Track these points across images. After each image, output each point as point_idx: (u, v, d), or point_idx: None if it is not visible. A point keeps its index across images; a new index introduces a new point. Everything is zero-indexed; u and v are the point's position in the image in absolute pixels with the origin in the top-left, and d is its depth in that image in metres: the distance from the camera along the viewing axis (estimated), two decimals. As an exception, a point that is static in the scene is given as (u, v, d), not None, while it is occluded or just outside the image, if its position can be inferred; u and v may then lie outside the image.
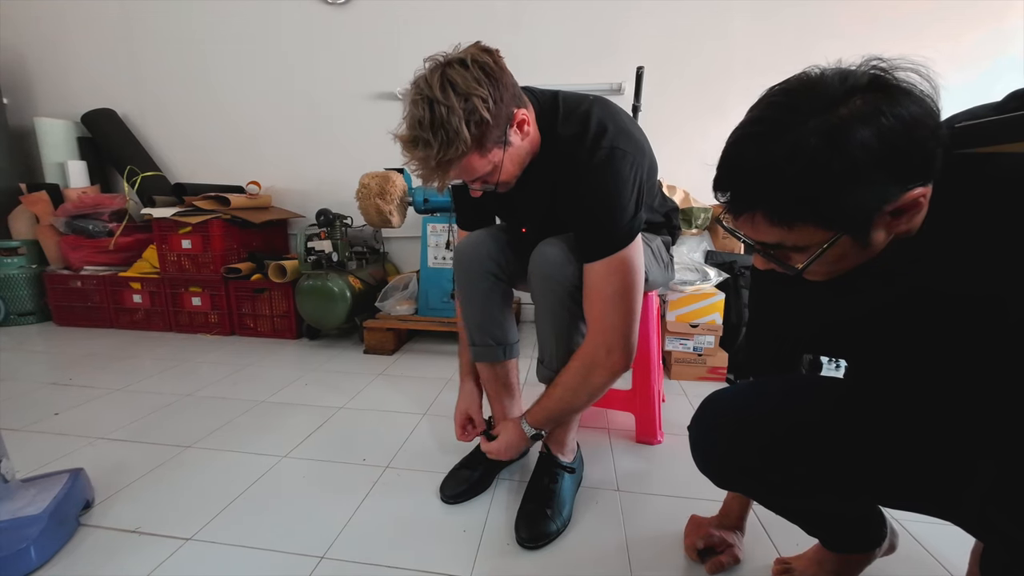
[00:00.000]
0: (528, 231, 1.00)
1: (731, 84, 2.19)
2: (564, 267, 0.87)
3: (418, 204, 2.01)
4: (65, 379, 1.66)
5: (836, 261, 0.48)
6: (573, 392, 0.88)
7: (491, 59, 0.77)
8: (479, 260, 1.02)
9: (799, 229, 0.45)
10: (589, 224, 0.83)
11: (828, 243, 0.44)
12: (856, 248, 0.46)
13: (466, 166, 0.77)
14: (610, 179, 0.81)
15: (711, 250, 1.94)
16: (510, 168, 0.83)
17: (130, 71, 2.62)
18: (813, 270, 0.49)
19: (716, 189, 0.49)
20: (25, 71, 2.70)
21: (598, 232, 0.83)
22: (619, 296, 0.82)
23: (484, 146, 0.76)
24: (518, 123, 0.80)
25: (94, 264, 2.35)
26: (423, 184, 0.85)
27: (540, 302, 0.93)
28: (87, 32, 2.61)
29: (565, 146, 0.84)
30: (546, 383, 0.97)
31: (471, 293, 1.05)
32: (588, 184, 0.82)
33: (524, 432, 0.92)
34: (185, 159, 2.68)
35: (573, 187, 0.83)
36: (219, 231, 2.15)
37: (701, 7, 2.16)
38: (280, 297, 2.16)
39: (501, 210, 1.08)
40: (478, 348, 1.08)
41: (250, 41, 2.48)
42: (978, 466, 0.51)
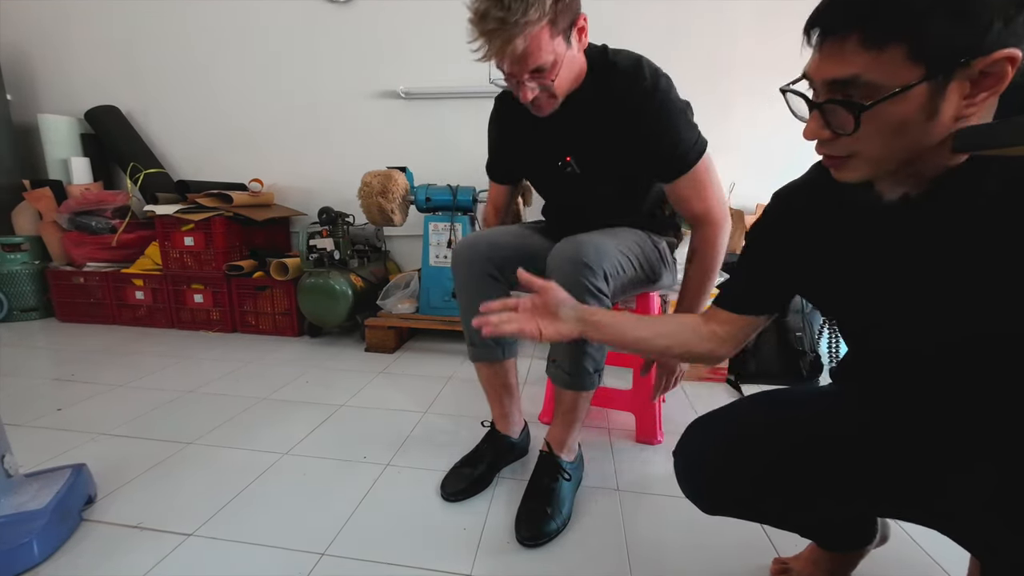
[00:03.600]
0: (573, 160, 1.01)
1: (733, 82, 2.19)
2: (587, 260, 0.88)
3: (420, 203, 2.01)
4: (67, 375, 1.67)
5: (895, 131, 0.44)
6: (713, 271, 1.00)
7: None
8: (477, 261, 1.04)
9: (888, 56, 0.41)
10: (672, 139, 0.91)
11: (908, 85, 0.41)
12: (923, 115, 0.43)
13: (534, 43, 0.80)
14: (677, 100, 0.92)
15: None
16: (566, 75, 0.88)
17: (133, 68, 2.63)
18: (863, 149, 0.46)
19: (811, 24, 0.47)
20: (29, 68, 2.70)
21: (682, 142, 0.91)
22: (719, 189, 0.96)
23: (556, 26, 0.81)
24: (579, 28, 0.87)
25: (97, 260, 2.36)
26: (483, 59, 0.86)
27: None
28: (90, 29, 2.62)
29: (623, 75, 0.91)
30: (558, 383, 0.99)
31: (468, 294, 1.06)
32: (662, 104, 0.90)
33: None
34: (188, 156, 2.68)
35: (644, 109, 0.90)
36: (221, 228, 2.16)
37: (707, 10, 2.15)
38: (282, 295, 2.17)
39: (538, 150, 1.07)
40: (477, 348, 1.11)
41: (253, 38, 2.48)
42: (975, 467, 0.51)
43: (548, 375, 1.03)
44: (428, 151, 2.41)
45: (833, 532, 0.74)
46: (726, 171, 2.18)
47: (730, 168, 2.21)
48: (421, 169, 2.26)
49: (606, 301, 0.92)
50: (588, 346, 0.95)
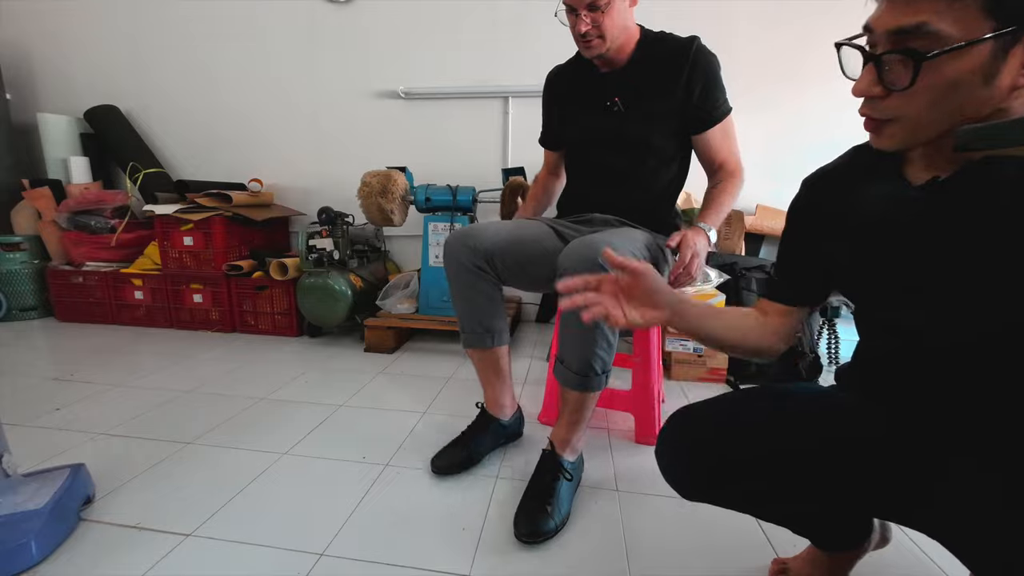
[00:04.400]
0: (620, 100, 1.15)
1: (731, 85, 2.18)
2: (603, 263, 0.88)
3: (419, 203, 2.01)
4: (66, 374, 1.67)
5: (948, 91, 0.43)
6: (732, 196, 1.17)
7: None
8: (464, 255, 1.07)
9: (961, 4, 0.40)
10: (712, 92, 1.12)
11: (976, 40, 0.40)
12: (980, 76, 0.41)
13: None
14: (716, 61, 1.12)
15: (712, 251, 1.94)
16: (616, 20, 1.06)
17: (133, 68, 2.63)
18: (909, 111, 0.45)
19: None
20: (28, 67, 2.70)
21: (719, 98, 1.13)
22: (735, 141, 1.18)
23: None
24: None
25: (96, 260, 2.36)
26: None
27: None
28: (90, 28, 2.62)
29: (675, 41, 1.14)
30: (566, 384, 1.01)
31: (457, 285, 1.11)
32: (707, 62, 1.11)
33: (704, 230, 1.11)
34: (187, 156, 2.68)
35: (696, 62, 1.10)
36: (221, 228, 2.16)
37: (703, 11, 2.15)
38: (281, 294, 2.17)
39: (588, 99, 1.20)
40: (467, 335, 1.15)
41: (253, 38, 2.48)
42: (950, 464, 0.51)
43: (555, 375, 1.03)
44: (428, 151, 2.41)
45: (826, 531, 0.74)
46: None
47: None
48: (421, 169, 2.26)
49: None
50: (598, 347, 0.96)
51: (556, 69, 1.30)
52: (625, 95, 1.14)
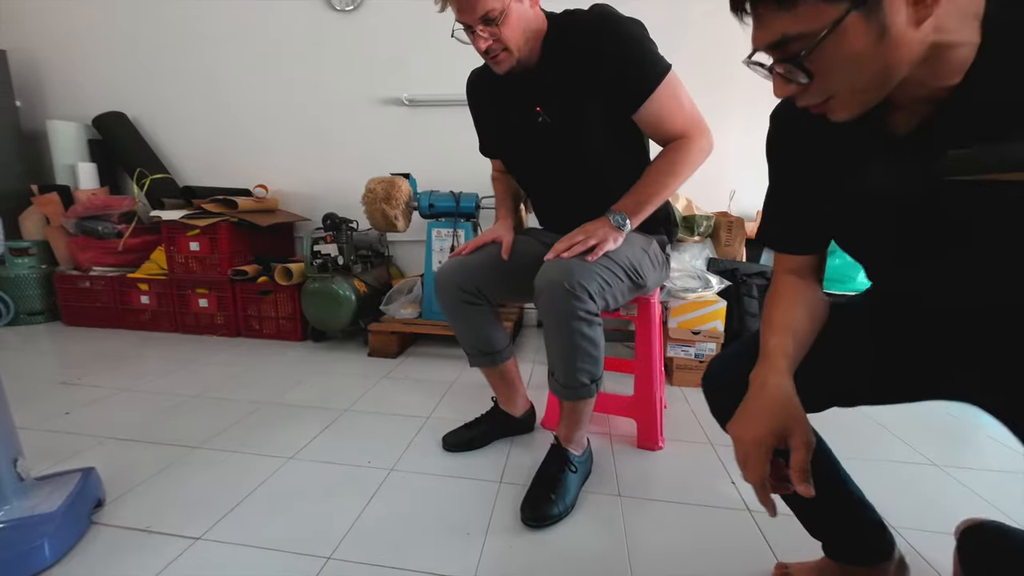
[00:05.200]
0: (543, 110, 1.03)
1: (730, 89, 2.21)
2: (573, 288, 0.89)
3: (423, 209, 2.03)
4: (74, 378, 1.69)
5: (852, 64, 0.44)
6: (666, 174, 0.96)
7: None
8: (452, 289, 1.11)
9: (803, 9, 0.42)
10: (630, 64, 0.94)
11: (836, 21, 0.41)
12: (871, 38, 0.42)
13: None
14: (631, 25, 0.95)
15: (713, 257, 1.96)
16: (517, 26, 0.94)
17: (140, 74, 2.66)
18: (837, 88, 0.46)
19: (733, 5, 0.49)
20: (37, 74, 2.74)
21: (642, 66, 0.94)
22: (690, 106, 0.98)
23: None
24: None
25: (103, 265, 2.38)
26: (441, 9, 0.94)
27: (546, 319, 0.96)
28: (98, 35, 2.65)
29: (582, 21, 0.97)
30: (558, 396, 1.04)
31: (453, 317, 1.16)
32: (615, 33, 0.94)
33: (610, 221, 0.96)
34: (193, 162, 2.71)
35: (600, 40, 0.94)
36: (226, 234, 2.18)
37: (706, 16, 2.18)
38: (286, 299, 2.18)
39: (510, 112, 1.09)
40: (472, 357, 1.22)
41: (258, 45, 2.51)
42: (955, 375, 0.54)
43: (551, 390, 1.07)
44: (431, 158, 2.44)
45: (840, 533, 0.74)
46: (725, 178, 2.22)
47: (730, 175, 2.23)
48: (424, 175, 2.29)
49: (597, 320, 0.95)
50: (580, 361, 0.97)
51: (474, 73, 1.20)
52: (548, 103, 1.02)
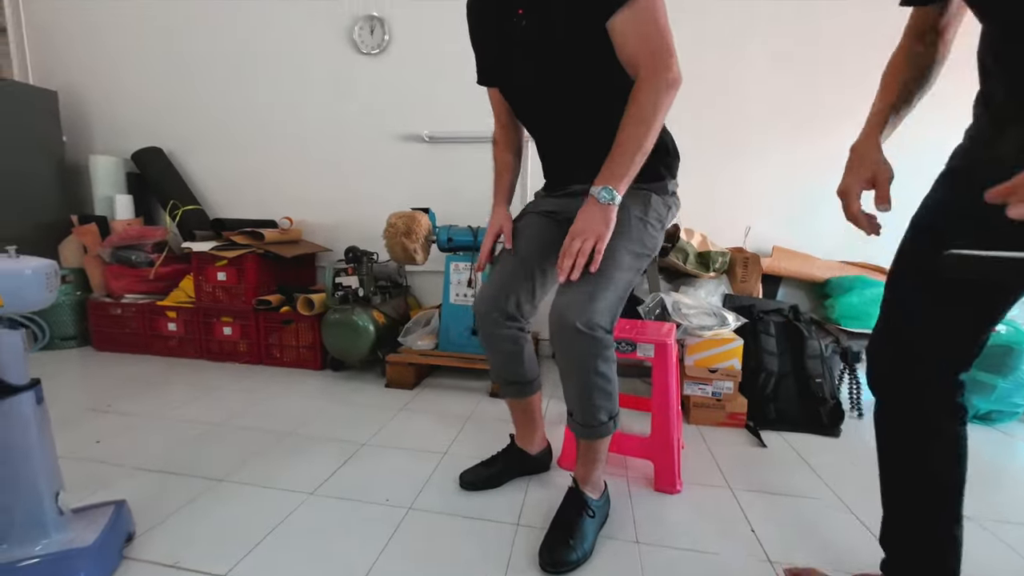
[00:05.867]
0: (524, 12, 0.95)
1: (748, 130, 2.26)
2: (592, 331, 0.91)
3: (442, 243, 2.09)
4: (104, 405, 1.74)
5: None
6: (638, 123, 0.88)
7: None
8: (493, 315, 1.11)
9: None
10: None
11: None
12: None
13: None
14: None
15: (729, 294, 1.97)
16: None
17: (177, 112, 2.81)
18: None
19: None
20: (84, 112, 2.92)
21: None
22: (660, 30, 0.87)
23: None
24: None
25: (134, 292, 2.48)
26: None
27: (563, 361, 0.98)
28: (139, 76, 2.82)
29: None
30: (576, 433, 1.06)
31: (491, 347, 1.16)
32: None
33: (598, 200, 0.88)
34: (223, 193, 2.83)
35: None
36: (253, 264, 2.26)
37: (720, 57, 2.25)
38: (306, 328, 2.24)
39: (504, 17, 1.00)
40: (503, 388, 1.24)
41: (288, 84, 2.65)
42: None
43: (567, 425, 1.08)
44: (450, 193, 2.51)
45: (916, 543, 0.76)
46: (741, 215, 2.24)
47: (744, 211, 2.25)
48: (443, 209, 2.36)
49: (612, 356, 0.98)
50: (596, 399, 0.99)
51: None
52: (530, 5, 0.95)
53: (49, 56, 2.91)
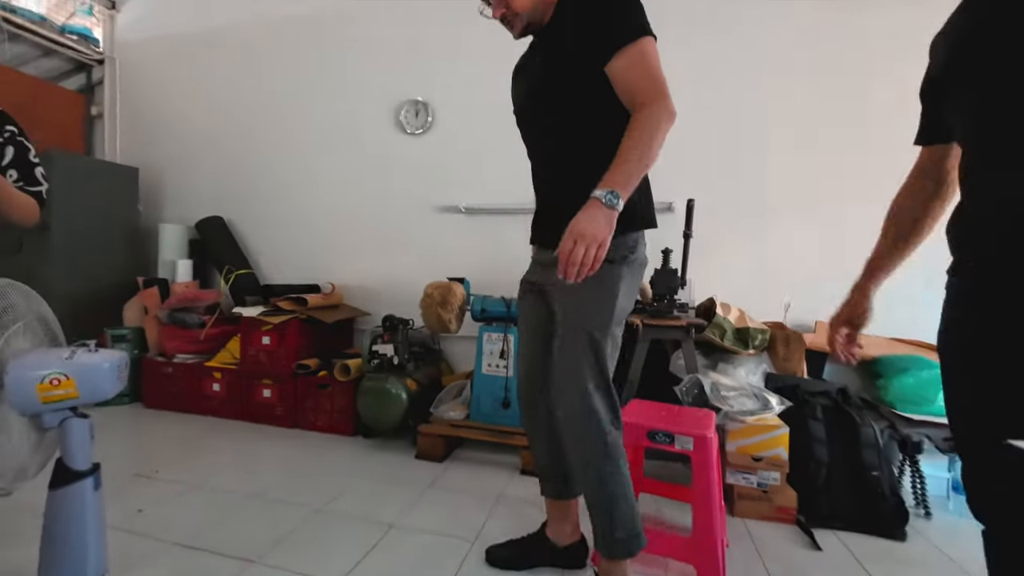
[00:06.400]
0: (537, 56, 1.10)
1: (786, 199, 2.25)
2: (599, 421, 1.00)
3: (475, 313, 2.13)
4: (150, 470, 1.80)
5: None
6: (638, 139, 0.91)
7: None
8: (528, 397, 1.15)
9: None
10: (612, 17, 0.96)
11: None
12: None
13: None
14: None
15: (771, 372, 1.89)
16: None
17: (237, 183, 3.08)
18: None
19: None
20: (159, 185, 3.24)
21: (621, 22, 0.95)
22: (656, 71, 0.95)
23: None
24: None
25: (185, 353, 2.62)
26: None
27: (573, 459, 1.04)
28: (206, 153, 3.13)
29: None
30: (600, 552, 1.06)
31: (534, 434, 1.18)
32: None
33: (602, 202, 0.88)
34: (273, 258, 3.02)
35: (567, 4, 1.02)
36: (295, 330, 2.37)
37: (758, 120, 2.28)
38: (341, 393, 2.29)
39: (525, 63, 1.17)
40: (543, 484, 1.23)
41: (337, 159, 2.87)
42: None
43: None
44: (485, 263, 2.59)
45: None
46: (779, 288, 2.19)
47: (783, 285, 2.20)
48: (478, 278, 2.42)
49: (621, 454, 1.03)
50: (616, 510, 1.00)
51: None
52: (542, 49, 1.10)
53: (134, 138, 3.29)
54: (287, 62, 2.96)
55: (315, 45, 2.90)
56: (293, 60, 2.95)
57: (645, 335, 1.80)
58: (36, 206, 1.11)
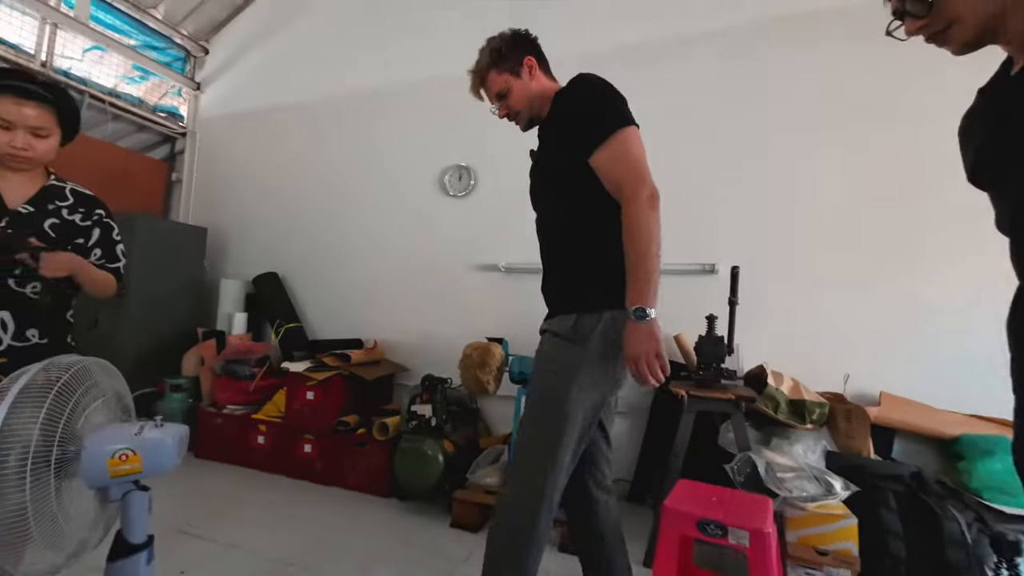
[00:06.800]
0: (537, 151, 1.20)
1: (843, 262, 2.15)
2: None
3: (513, 375, 2.12)
4: (192, 527, 1.84)
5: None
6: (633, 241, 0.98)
7: (525, 31, 1.23)
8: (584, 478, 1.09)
9: None
10: (590, 116, 1.05)
11: None
12: None
13: (488, 79, 1.20)
14: (597, 87, 1.08)
15: (832, 451, 1.75)
16: (520, 97, 1.18)
17: (291, 241, 3.30)
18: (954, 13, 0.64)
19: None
20: (223, 243, 3.52)
21: (599, 119, 1.04)
22: (631, 160, 1.01)
23: (500, 67, 1.18)
24: (528, 66, 1.18)
25: (235, 404, 2.73)
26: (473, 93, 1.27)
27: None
28: (266, 212, 3.40)
29: (569, 82, 1.13)
30: None
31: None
32: (583, 91, 1.09)
33: (636, 323, 0.95)
34: (321, 312, 3.17)
35: (571, 97, 1.10)
36: (338, 386, 2.43)
37: (785, 206, 2.24)
38: (378, 451, 2.29)
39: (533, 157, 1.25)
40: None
41: (383, 219, 3.04)
42: None
43: None
44: (525, 323, 2.57)
45: None
46: (837, 357, 2.05)
47: (842, 353, 2.07)
48: (517, 339, 2.42)
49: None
50: None
51: None
52: (540, 144, 1.21)
53: (204, 201, 3.62)
54: (344, 132, 3.22)
55: (372, 117, 3.15)
56: (350, 131, 3.21)
57: (691, 406, 1.72)
58: (114, 282, 1.23)
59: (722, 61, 2.39)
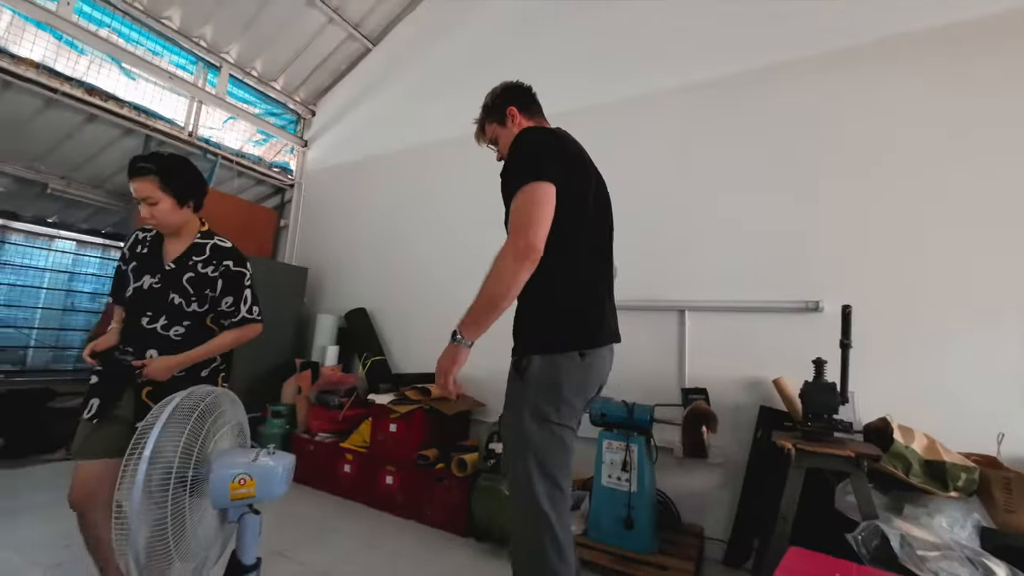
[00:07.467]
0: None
1: (942, 308, 1.87)
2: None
3: (594, 417, 2.05)
4: (287, 550, 1.94)
5: None
6: (488, 282, 1.12)
7: (516, 82, 1.41)
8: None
9: None
10: (509, 167, 1.19)
11: None
12: None
13: (485, 129, 1.42)
14: (522, 139, 1.21)
15: (988, 527, 1.45)
16: (504, 142, 1.35)
17: (381, 279, 3.54)
18: None
19: None
20: (321, 280, 3.87)
21: (514, 172, 1.16)
22: (520, 211, 1.11)
23: (491, 117, 1.39)
24: (510, 116, 1.36)
25: (325, 432, 2.90)
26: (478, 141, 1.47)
27: None
28: (360, 251, 3.69)
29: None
30: None
31: None
32: (515, 143, 1.21)
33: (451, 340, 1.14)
34: (404, 346, 3.33)
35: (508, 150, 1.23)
36: (419, 420, 2.49)
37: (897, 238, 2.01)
38: (456, 488, 2.29)
39: None
40: None
41: (460, 256, 3.16)
42: None
43: None
44: (603, 360, 2.52)
45: None
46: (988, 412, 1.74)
47: (991, 405, 1.76)
48: (595, 377, 2.35)
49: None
50: None
51: None
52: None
53: (306, 243, 4.03)
54: (431, 178, 3.47)
55: (458, 163, 3.34)
56: (437, 177, 3.44)
57: (800, 462, 1.53)
58: (242, 334, 1.43)
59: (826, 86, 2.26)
